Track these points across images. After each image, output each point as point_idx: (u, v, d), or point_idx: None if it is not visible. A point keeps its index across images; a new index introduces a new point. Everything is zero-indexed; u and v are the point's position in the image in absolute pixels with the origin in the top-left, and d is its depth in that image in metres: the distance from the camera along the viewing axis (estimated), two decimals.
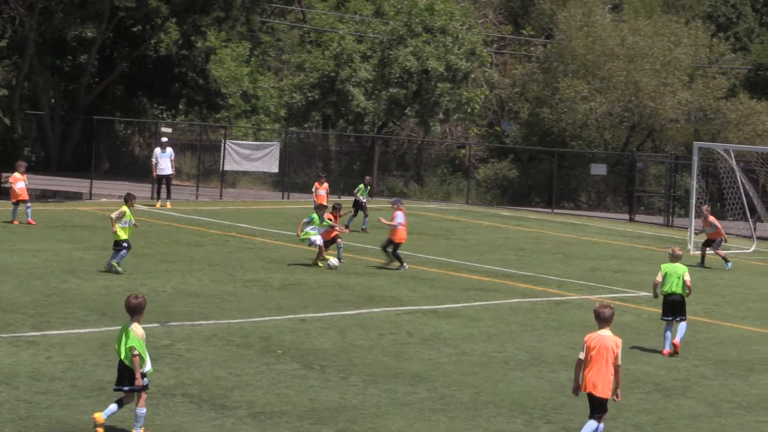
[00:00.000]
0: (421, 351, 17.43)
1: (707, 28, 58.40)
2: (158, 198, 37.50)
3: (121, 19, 47.78)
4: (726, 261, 30.97)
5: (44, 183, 40.74)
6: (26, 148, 44.68)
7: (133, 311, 12.19)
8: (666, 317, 18.71)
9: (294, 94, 53.34)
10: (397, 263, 25.94)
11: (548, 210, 49.15)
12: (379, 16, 54.29)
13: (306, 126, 54.60)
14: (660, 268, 18.97)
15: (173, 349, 16.16)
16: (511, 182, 56.27)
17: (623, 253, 33.73)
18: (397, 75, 50.44)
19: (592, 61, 54.61)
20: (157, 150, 37.62)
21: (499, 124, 63.46)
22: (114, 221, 22.78)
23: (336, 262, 25.42)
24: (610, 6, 64.82)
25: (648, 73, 53.22)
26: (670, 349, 18.38)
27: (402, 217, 26.17)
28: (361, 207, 34.85)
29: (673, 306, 18.65)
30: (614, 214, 51.48)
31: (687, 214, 38.82)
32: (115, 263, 22.71)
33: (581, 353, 12.43)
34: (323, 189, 35.03)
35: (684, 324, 18.67)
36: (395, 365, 16.33)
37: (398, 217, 26.09)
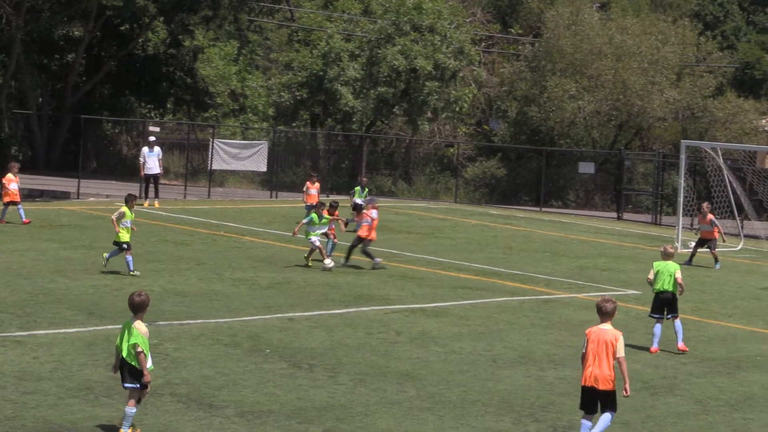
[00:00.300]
0: (410, 350, 17.43)
1: (694, 27, 58.55)
2: (146, 197, 37.45)
3: (109, 17, 47.68)
4: (716, 260, 31.02)
5: (31, 182, 40.56)
6: (13, 147, 44.52)
7: (136, 309, 12.22)
8: (655, 314, 18.74)
9: (282, 93, 53.29)
10: (369, 260, 25.90)
11: (536, 208, 49.20)
12: (367, 14, 54.27)
13: (294, 125, 54.57)
14: (652, 265, 19.03)
15: (161, 348, 16.13)
16: (500, 181, 56.31)
17: (611, 251, 33.78)
18: (386, 74, 50.42)
19: (580, 60, 54.69)
20: (145, 149, 37.55)
21: (487, 123, 63.50)
22: (115, 222, 22.62)
23: (331, 264, 25.14)
24: (598, 5, 64.92)
25: (636, 72, 53.32)
26: (659, 347, 18.44)
27: (375, 214, 26.67)
28: (356, 209, 34.61)
29: (664, 303, 18.72)
30: (602, 212, 51.55)
31: (675, 213, 38.89)
32: (130, 270, 22.55)
33: (583, 348, 12.65)
34: (314, 188, 34.81)
35: (678, 322, 18.76)
36: (384, 364, 16.33)
37: (373, 213, 26.58)
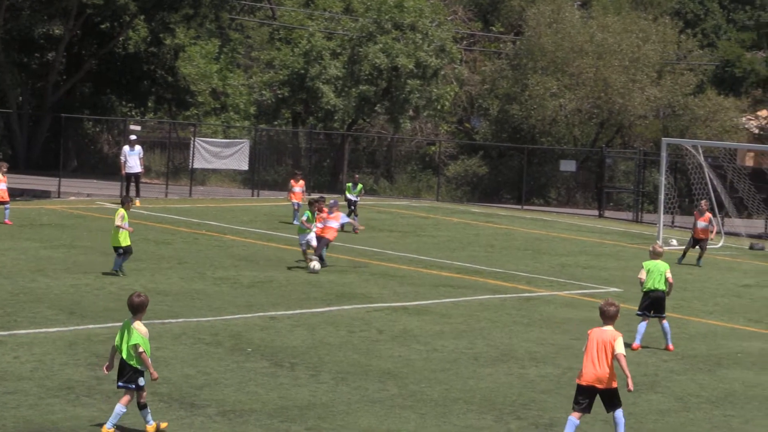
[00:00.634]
0: (392, 348, 17.44)
1: (675, 25, 58.70)
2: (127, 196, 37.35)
3: (89, 16, 47.48)
4: (699, 258, 31.17)
5: (12, 181, 40.17)
6: None
7: (135, 309, 12.27)
8: (643, 312, 18.83)
9: (264, 92, 53.21)
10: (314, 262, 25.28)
11: (518, 206, 49.28)
12: (348, 13, 54.24)
13: (276, 123, 54.47)
14: (642, 265, 19.11)
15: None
16: (481, 179, 56.37)
17: (592, 249, 33.87)
18: (367, 72, 50.40)
19: (561, 58, 54.79)
20: (126, 148, 37.43)
21: (468, 121, 63.54)
22: (122, 227, 22.31)
23: (317, 266, 24.59)
24: (579, 3, 65.05)
25: (617, 70, 53.45)
26: (640, 344, 18.52)
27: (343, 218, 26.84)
28: (352, 206, 34.45)
29: (654, 302, 18.84)
30: (583, 210, 51.65)
31: (656, 210, 39.00)
32: (118, 269, 22.43)
33: (584, 347, 12.86)
34: (299, 186, 34.81)
35: (666, 323, 18.91)
36: (365, 362, 16.33)
37: (342, 218, 26.67)
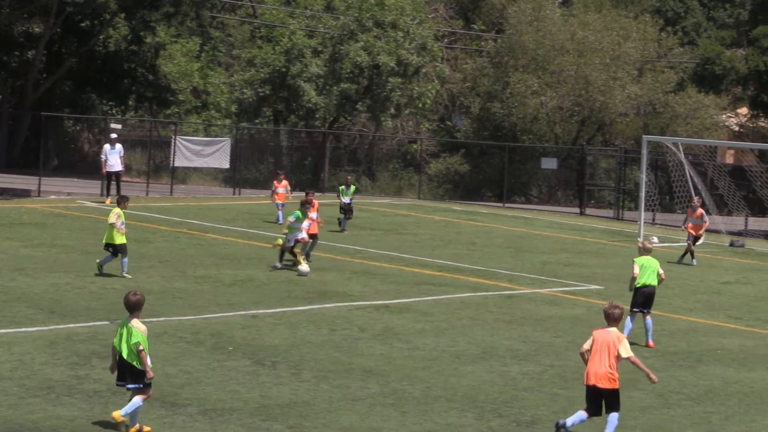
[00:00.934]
0: (373, 346, 17.44)
1: (656, 23, 58.88)
2: (108, 195, 37.23)
3: (69, 14, 47.29)
4: (692, 256, 31.39)
5: None
6: None
7: (132, 308, 12.35)
8: (637, 309, 18.93)
9: (245, 90, 53.12)
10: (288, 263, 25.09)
11: (499, 204, 49.34)
12: (329, 11, 54.20)
13: (257, 121, 54.40)
14: (634, 261, 19.21)
15: None
16: (463, 177, 56.42)
17: (574, 246, 33.94)
18: (348, 70, 50.37)
19: (543, 56, 54.88)
20: (107, 146, 37.31)
21: (450, 119, 63.58)
22: (117, 227, 22.07)
23: (307, 269, 24.15)
24: (560, 1, 65.16)
25: (597, 68, 53.57)
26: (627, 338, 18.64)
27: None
28: (346, 209, 33.65)
29: (647, 297, 19.01)
30: (565, 207, 51.77)
31: (637, 208, 39.09)
32: (101, 266, 22.27)
33: (585, 344, 13.17)
34: (282, 186, 34.38)
35: (650, 320, 19.07)
36: (347, 360, 16.33)
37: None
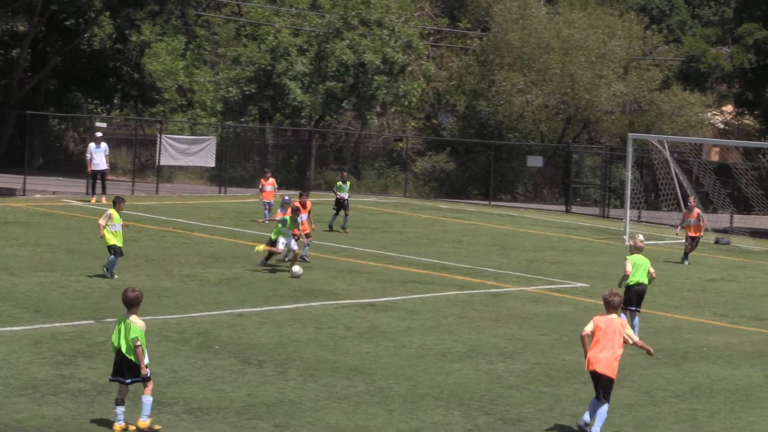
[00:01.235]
0: (359, 344, 17.44)
1: (641, 21, 59.02)
2: (93, 193, 37.14)
3: (54, 12, 47.17)
4: (686, 256, 31.53)
5: None
6: None
7: (130, 304, 12.47)
8: (631, 307, 19.00)
9: (230, 88, 53.04)
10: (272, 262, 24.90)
11: (485, 202, 49.37)
12: (315, 9, 54.16)
13: (243, 120, 54.36)
14: (626, 259, 19.26)
15: (108, 345, 15.96)
16: (449, 175, 56.45)
17: (560, 244, 33.99)
18: (334, 68, 50.34)
19: (528, 54, 54.94)
20: (92, 145, 37.22)
21: (436, 117, 63.61)
22: (102, 226, 21.85)
23: (299, 271, 23.73)
24: None
25: (583, 66, 53.66)
26: None
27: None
28: (342, 206, 33.27)
29: (639, 295, 19.12)
30: (551, 205, 51.84)
31: (622, 205, 39.16)
32: (106, 269, 21.98)
33: (586, 328, 13.08)
34: (269, 185, 34.20)
35: (638, 318, 19.18)
36: (333, 359, 16.32)
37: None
